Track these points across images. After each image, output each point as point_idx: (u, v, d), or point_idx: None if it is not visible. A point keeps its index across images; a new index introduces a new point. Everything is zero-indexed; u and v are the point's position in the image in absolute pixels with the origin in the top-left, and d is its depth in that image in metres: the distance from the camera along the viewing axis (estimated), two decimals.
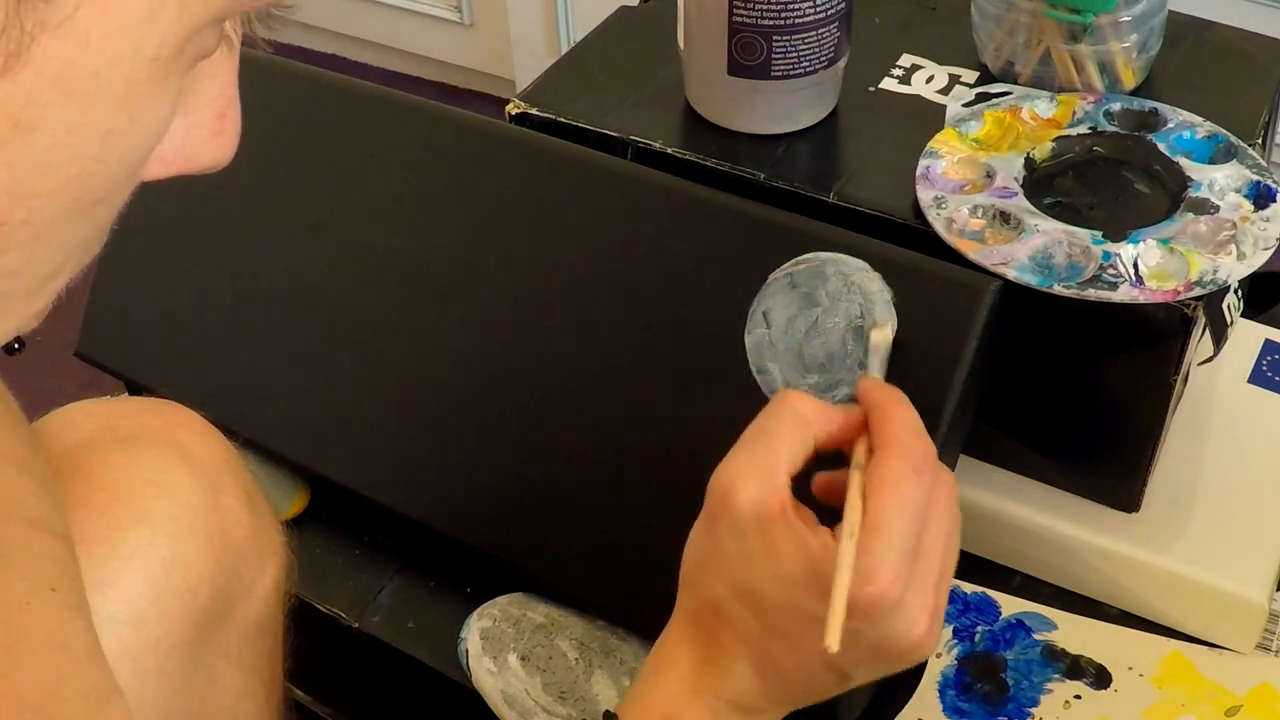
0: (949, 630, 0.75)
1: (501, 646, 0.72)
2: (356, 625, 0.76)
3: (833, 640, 0.51)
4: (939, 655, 0.74)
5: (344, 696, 0.87)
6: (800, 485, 0.57)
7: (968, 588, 0.77)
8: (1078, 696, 0.72)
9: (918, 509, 0.53)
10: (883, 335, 0.64)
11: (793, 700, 0.57)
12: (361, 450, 0.79)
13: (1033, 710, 0.71)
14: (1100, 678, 0.73)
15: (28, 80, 0.30)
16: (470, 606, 0.74)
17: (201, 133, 0.37)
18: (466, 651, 0.72)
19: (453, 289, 0.77)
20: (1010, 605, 0.76)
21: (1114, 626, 0.75)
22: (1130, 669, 0.73)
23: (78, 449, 0.64)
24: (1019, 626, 0.75)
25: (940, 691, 0.72)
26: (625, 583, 0.71)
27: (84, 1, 0.30)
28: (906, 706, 0.72)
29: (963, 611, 0.76)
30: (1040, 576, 0.78)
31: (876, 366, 0.64)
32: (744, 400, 0.68)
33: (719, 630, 0.57)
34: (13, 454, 0.57)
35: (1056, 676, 0.73)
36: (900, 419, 0.56)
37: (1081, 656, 0.74)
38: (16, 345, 0.57)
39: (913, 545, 0.53)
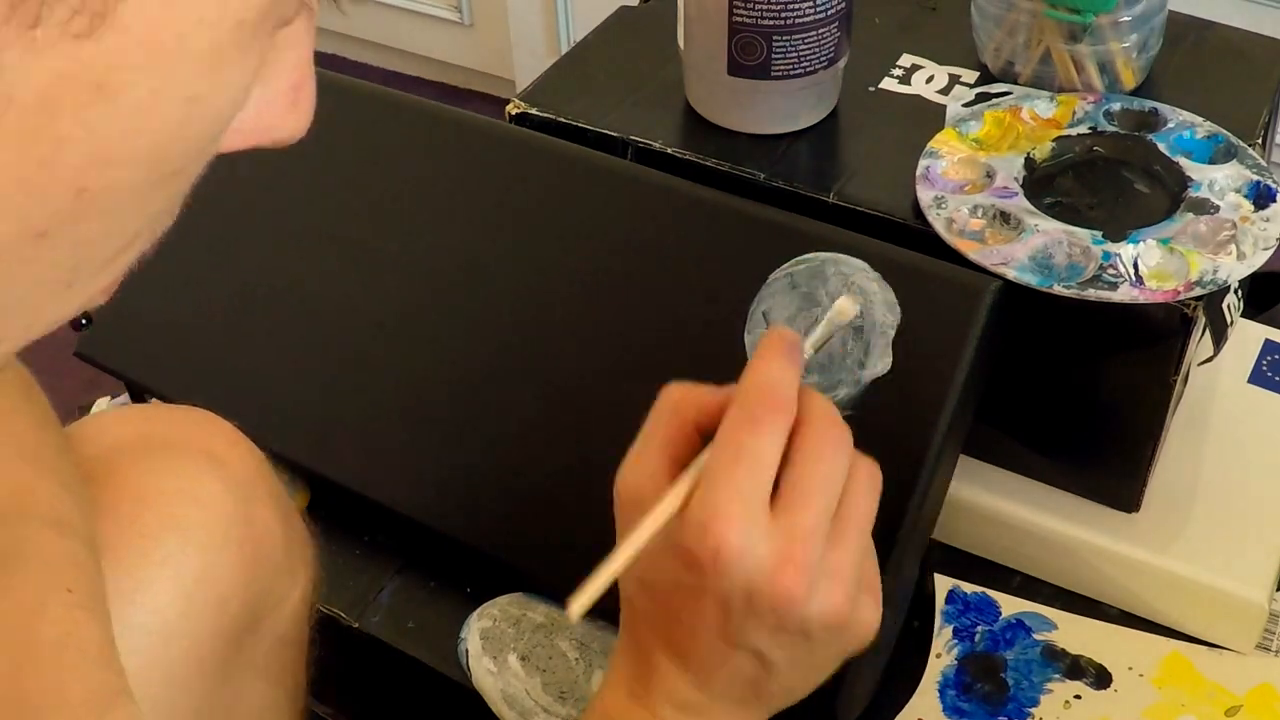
0: (949, 630, 0.75)
1: (501, 646, 0.72)
2: (356, 625, 0.76)
3: (575, 608, 0.51)
4: (939, 655, 0.74)
5: (344, 696, 0.87)
6: None
7: (968, 588, 0.77)
8: (1078, 696, 0.72)
9: (758, 459, 0.52)
10: (842, 310, 0.60)
11: (735, 696, 0.55)
12: (361, 450, 0.79)
13: (1033, 710, 0.71)
14: (1100, 678, 0.73)
15: (112, 42, 0.29)
16: (470, 606, 0.74)
17: (278, 104, 0.36)
18: (466, 651, 0.72)
19: (453, 289, 0.77)
20: (1010, 605, 0.76)
21: (1114, 626, 0.75)
22: (1130, 669, 0.73)
23: (111, 454, 0.64)
24: (1019, 626, 0.75)
25: (940, 691, 0.72)
26: None
27: None
28: (906, 707, 0.72)
29: (963, 611, 0.76)
30: (1040, 576, 0.78)
31: (814, 337, 0.60)
32: None
33: (637, 627, 0.56)
34: (37, 455, 0.57)
35: (1056, 676, 0.73)
36: (752, 373, 0.54)
37: (1082, 656, 0.74)
38: (84, 321, 0.56)
39: (755, 492, 0.51)
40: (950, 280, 0.66)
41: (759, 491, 0.52)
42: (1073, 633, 0.75)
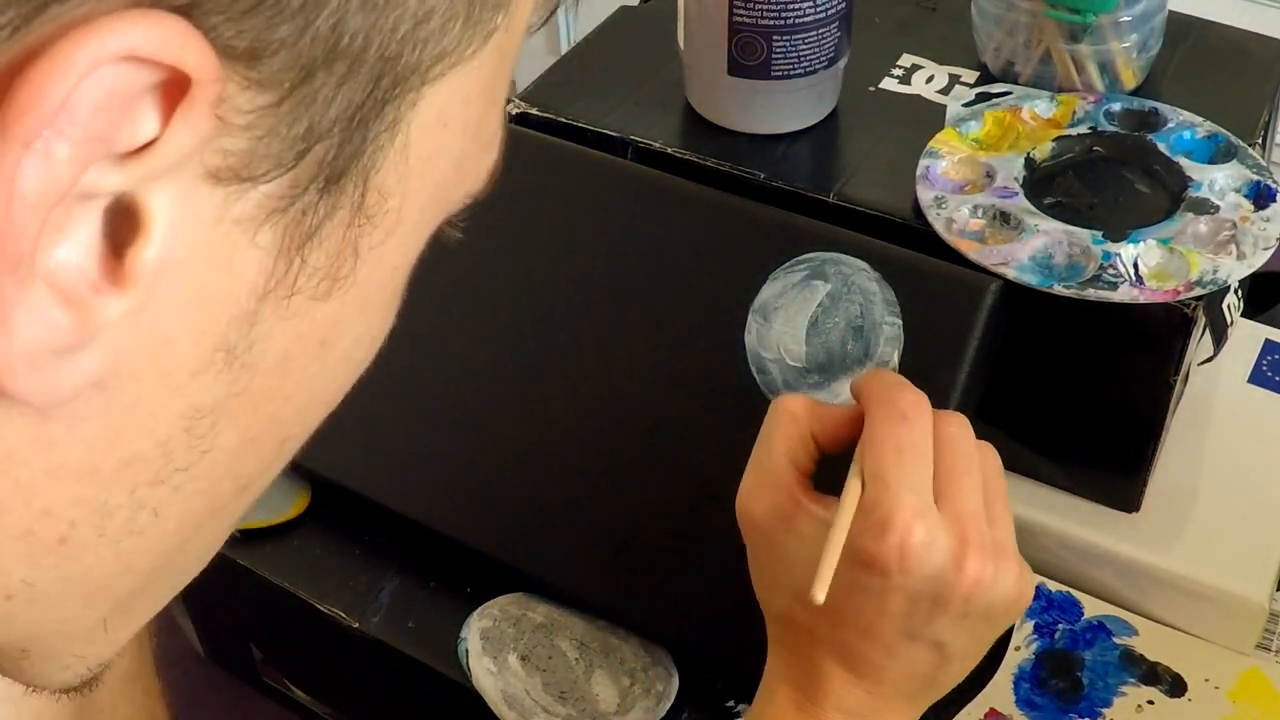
0: (1029, 625, 0.74)
1: (501, 646, 0.72)
2: (356, 625, 0.76)
3: (819, 589, 0.50)
4: (1018, 648, 0.73)
5: (344, 696, 0.87)
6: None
7: (1052, 585, 0.76)
8: (1150, 702, 0.71)
9: (918, 450, 0.52)
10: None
11: (907, 691, 0.55)
12: (361, 450, 0.79)
13: (1104, 711, 0.70)
14: (1175, 686, 0.72)
15: (339, 300, 0.30)
16: (470, 606, 0.74)
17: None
18: (466, 651, 0.72)
19: (451, 288, 0.77)
20: (1094, 607, 0.75)
21: (1197, 639, 0.74)
22: (1206, 680, 0.72)
23: None
24: (1100, 628, 0.74)
25: (1015, 683, 0.72)
26: (625, 583, 0.71)
27: (399, 221, 0.30)
28: (980, 694, 0.71)
29: (1045, 609, 0.75)
30: (1040, 575, 0.78)
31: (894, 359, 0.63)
32: (744, 400, 0.68)
33: (799, 643, 0.55)
34: None
35: (1132, 681, 0.72)
36: (880, 380, 0.55)
37: (1159, 664, 0.73)
38: None
39: (924, 484, 0.52)
40: (950, 280, 0.66)
41: (926, 484, 0.52)
42: (1154, 640, 0.74)
